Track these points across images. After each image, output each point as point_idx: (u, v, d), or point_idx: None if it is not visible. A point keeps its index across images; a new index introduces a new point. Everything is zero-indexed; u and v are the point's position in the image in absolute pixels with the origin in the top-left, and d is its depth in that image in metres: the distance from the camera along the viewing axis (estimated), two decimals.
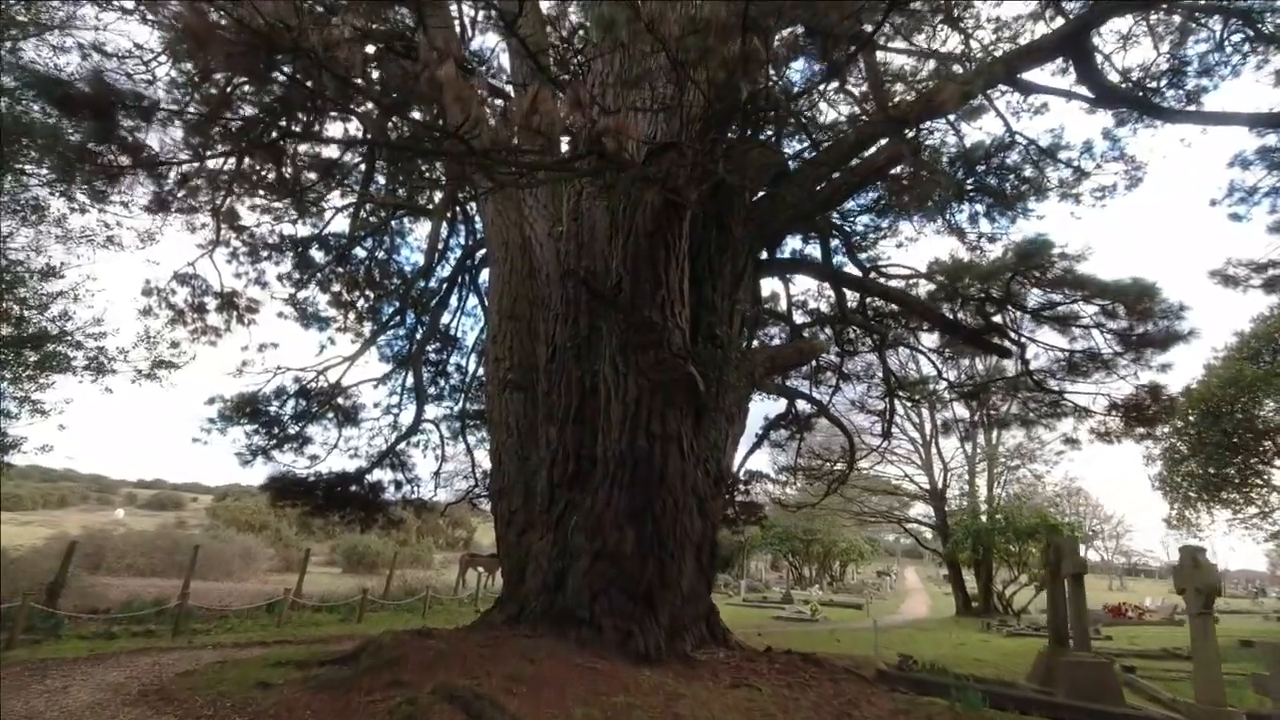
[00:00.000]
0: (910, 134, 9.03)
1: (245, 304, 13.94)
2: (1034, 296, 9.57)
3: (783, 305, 15.99)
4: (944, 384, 16.23)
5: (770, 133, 9.50)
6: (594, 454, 7.08)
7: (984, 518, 22.89)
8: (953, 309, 10.18)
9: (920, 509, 28.33)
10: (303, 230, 14.53)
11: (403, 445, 14.24)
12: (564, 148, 6.01)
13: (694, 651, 6.67)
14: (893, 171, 9.41)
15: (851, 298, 14.18)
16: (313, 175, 14.17)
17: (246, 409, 13.65)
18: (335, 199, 14.22)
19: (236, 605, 13.51)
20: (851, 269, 14.59)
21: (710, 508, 7.24)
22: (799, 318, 16.06)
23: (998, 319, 9.63)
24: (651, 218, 6.92)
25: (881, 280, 13.05)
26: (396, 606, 16.10)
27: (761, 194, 9.42)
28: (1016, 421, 11.45)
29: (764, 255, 10.01)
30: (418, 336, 13.50)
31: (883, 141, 8.89)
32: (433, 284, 13.96)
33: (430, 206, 12.87)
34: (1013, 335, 9.61)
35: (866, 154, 9.29)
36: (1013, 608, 22.28)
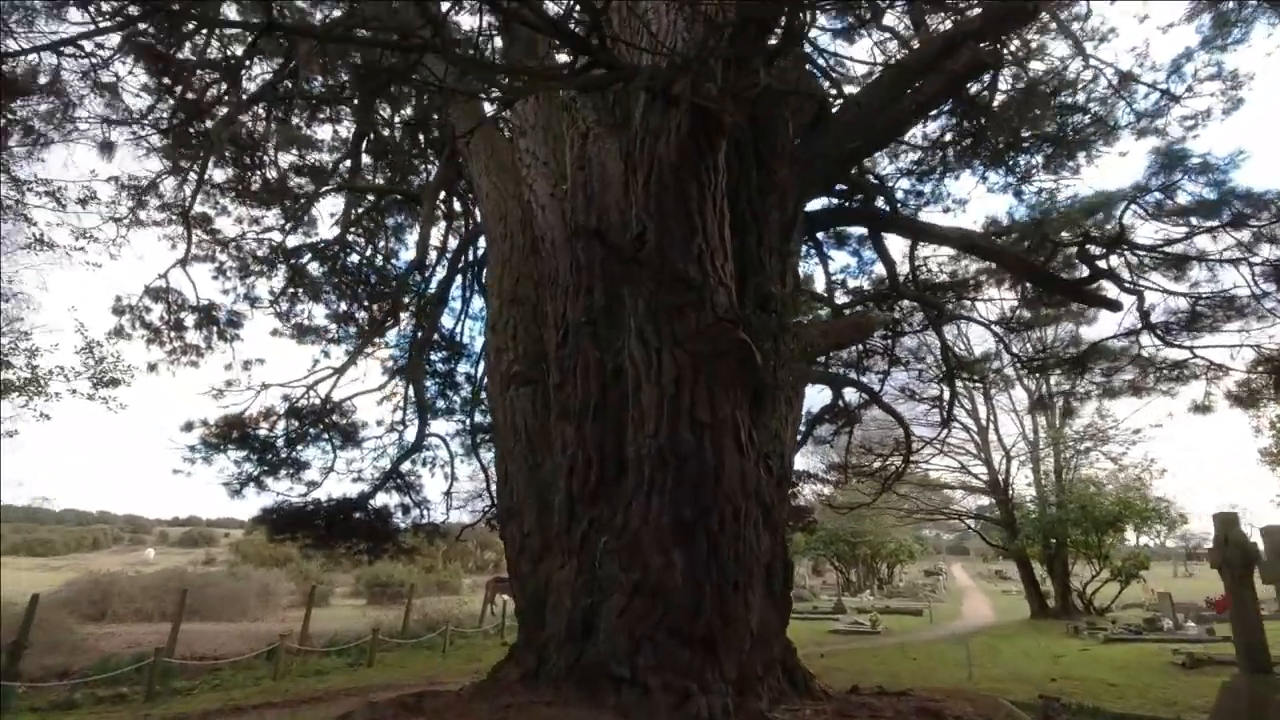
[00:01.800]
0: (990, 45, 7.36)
1: (226, 318, 12.62)
2: (1149, 232, 7.82)
3: (819, 285, 14.37)
4: (1010, 359, 14.40)
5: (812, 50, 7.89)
6: (622, 456, 5.47)
7: (1053, 508, 20.82)
8: (1041, 259, 8.44)
9: (974, 502, 26.31)
10: (291, 240, 13.23)
11: (408, 465, 12.75)
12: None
13: (772, 710, 5.00)
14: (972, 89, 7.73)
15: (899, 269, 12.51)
16: (299, 179, 12.89)
17: (233, 434, 12.26)
18: (322, 207, 12.87)
19: (237, 652, 12.06)
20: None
21: (777, 516, 5.58)
22: (840, 298, 14.43)
23: (1103, 264, 7.86)
24: (677, 147, 5.31)
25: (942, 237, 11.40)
26: (415, 644, 14.56)
27: (807, 132, 7.82)
28: (1127, 389, 9.63)
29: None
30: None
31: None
32: (432, 287, 12.52)
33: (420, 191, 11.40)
34: (1126, 283, 7.84)
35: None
36: (1095, 607, 20.17)
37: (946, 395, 15.34)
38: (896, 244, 15.38)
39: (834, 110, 8.57)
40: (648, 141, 5.46)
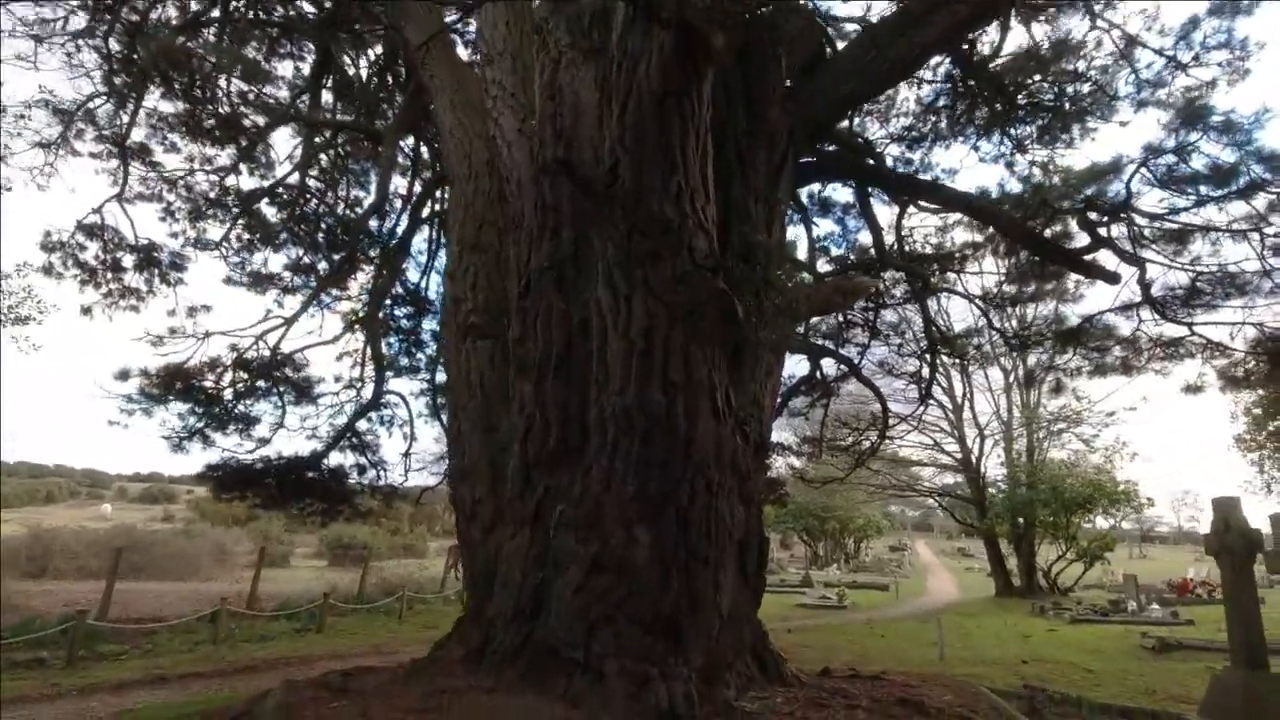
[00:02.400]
0: None
1: (169, 260, 11.72)
2: (1152, 202, 7.35)
3: (802, 253, 13.84)
4: (994, 335, 14.05)
5: None
6: (585, 417, 4.90)
7: (1023, 488, 20.82)
8: (1039, 226, 7.96)
9: (943, 480, 26.35)
10: (245, 182, 12.30)
11: (365, 425, 12.07)
12: None
13: (740, 699, 4.55)
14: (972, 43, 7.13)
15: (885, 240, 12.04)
16: (255, 115, 11.92)
17: (175, 384, 11.46)
18: (280, 149, 11.91)
19: (179, 613, 11.42)
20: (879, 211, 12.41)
21: (753, 488, 5.07)
22: (823, 267, 13.93)
23: (1104, 233, 7.39)
24: (659, 72, 4.65)
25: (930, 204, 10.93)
26: (371, 609, 14.03)
27: (800, 75, 7.19)
28: (1118, 367, 9.26)
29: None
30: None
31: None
32: (396, 234, 11.70)
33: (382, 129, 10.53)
34: (1127, 253, 7.38)
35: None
36: (1058, 587, 20.32)
37: (926, 371, 15.05)
38: (884, 215, 14.84)
39: (830, 55, 7.95)
40: (626, 66, 4.80)
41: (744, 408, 5.17)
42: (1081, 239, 7.83)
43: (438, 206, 11.94)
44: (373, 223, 12.40)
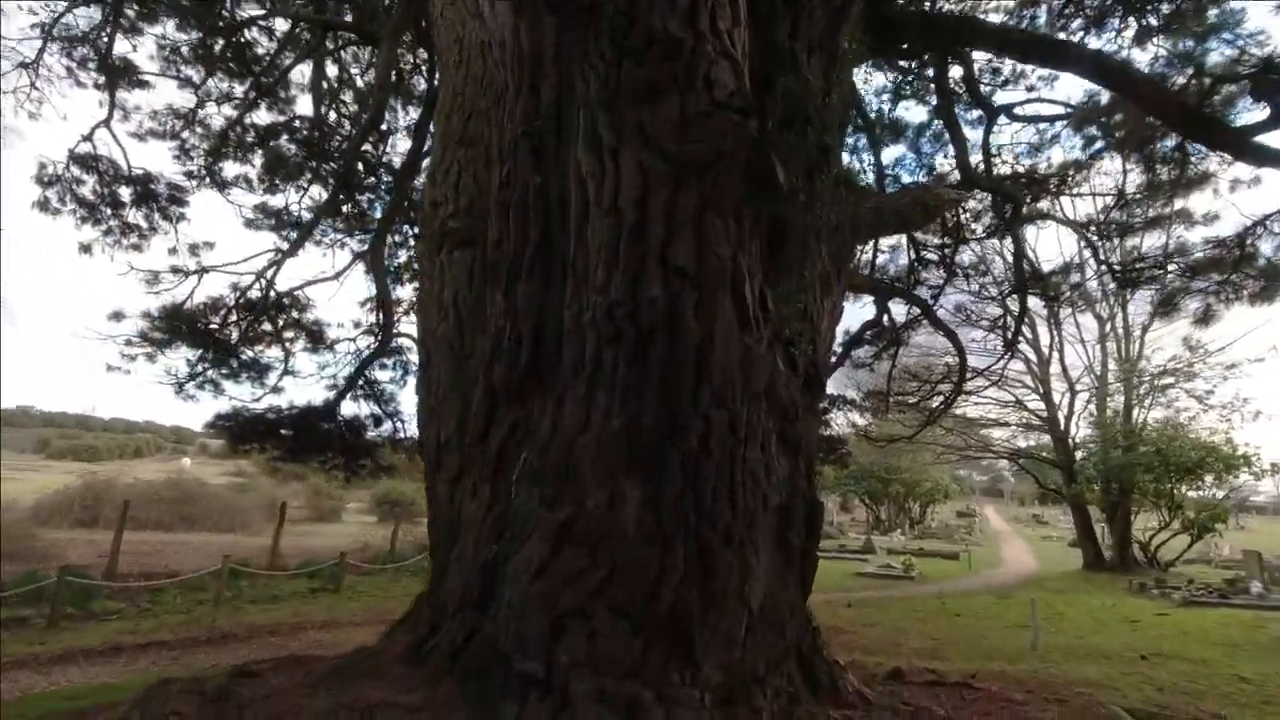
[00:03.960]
0: None
1: (167, 193, 10.84)
2: None
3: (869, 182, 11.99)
4: (1098, 271, 11.93)
5: None
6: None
7: (1119, 450, 18.51)
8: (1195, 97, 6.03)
9: (1022, 442, 24.05)
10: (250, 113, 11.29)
11: (383, 373, 11.13)
12: None
13: None
14: None
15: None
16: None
17: (181, 327, 10.68)
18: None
19: (198, 567, 10.81)
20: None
21: (802, 433, 3.61)
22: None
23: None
24: None
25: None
26: (399, 568, 13.26)
27: None
28: None
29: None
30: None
31: None
32: (399, 156, 10.53)
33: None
34: None
35: None
36: (1158, 561, 18.11)
37: (1014, 312, 13.04)
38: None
39: None
40: None
41: (789, 320, 3.70)
42: (1251, 115, 5.89)
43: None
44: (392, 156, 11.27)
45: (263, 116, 12.54)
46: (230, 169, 11.79)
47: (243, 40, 11.14)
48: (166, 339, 10.53)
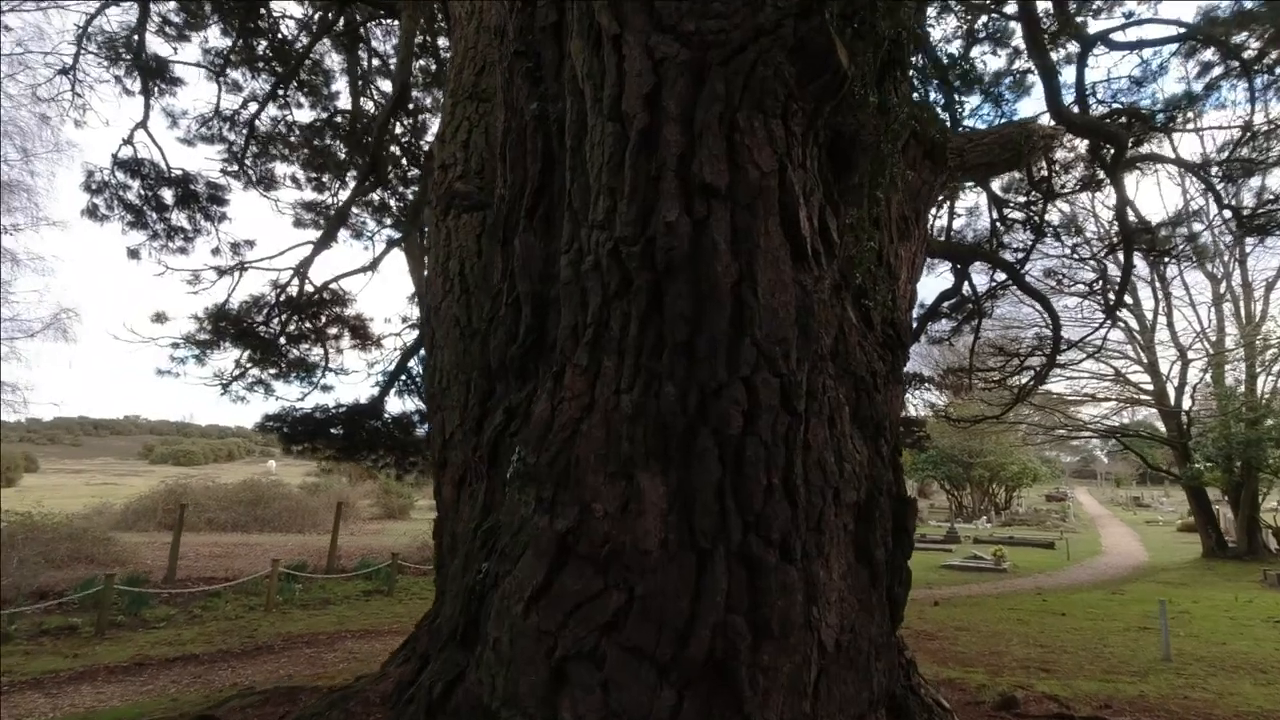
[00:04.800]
0: None
1: (207, 193, 10.69)
2: None
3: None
4: (1221, 217, 10.35)
5: None
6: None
7: (1241, 424, 16.48)
8: None
9: (1121, 419, 21.92)
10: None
11: (420, 365, 10.69)
12: None
13: None
14: None
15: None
16: None
17: (229, 329, 10.54)
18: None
19: (254, 570, 10.69)
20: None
21: (884, 407, 2.75)
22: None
23: None
24: None
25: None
26: None
27: None
28: None
29: None
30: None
31: None
32: (428, 136, 10.04)
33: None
34: None
35: None
36: None
37: (1116, 272, 11.58)
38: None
39: None
40: None
41: (861, 262, 2.84)
42: None
43: None
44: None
45: (304, 114, 12.36)
46: (272, 166, 11.67)
47: (278, 34, 10.90)
48: (213, 340, 10.43)
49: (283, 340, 10.70)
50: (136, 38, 9.69)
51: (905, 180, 3.86)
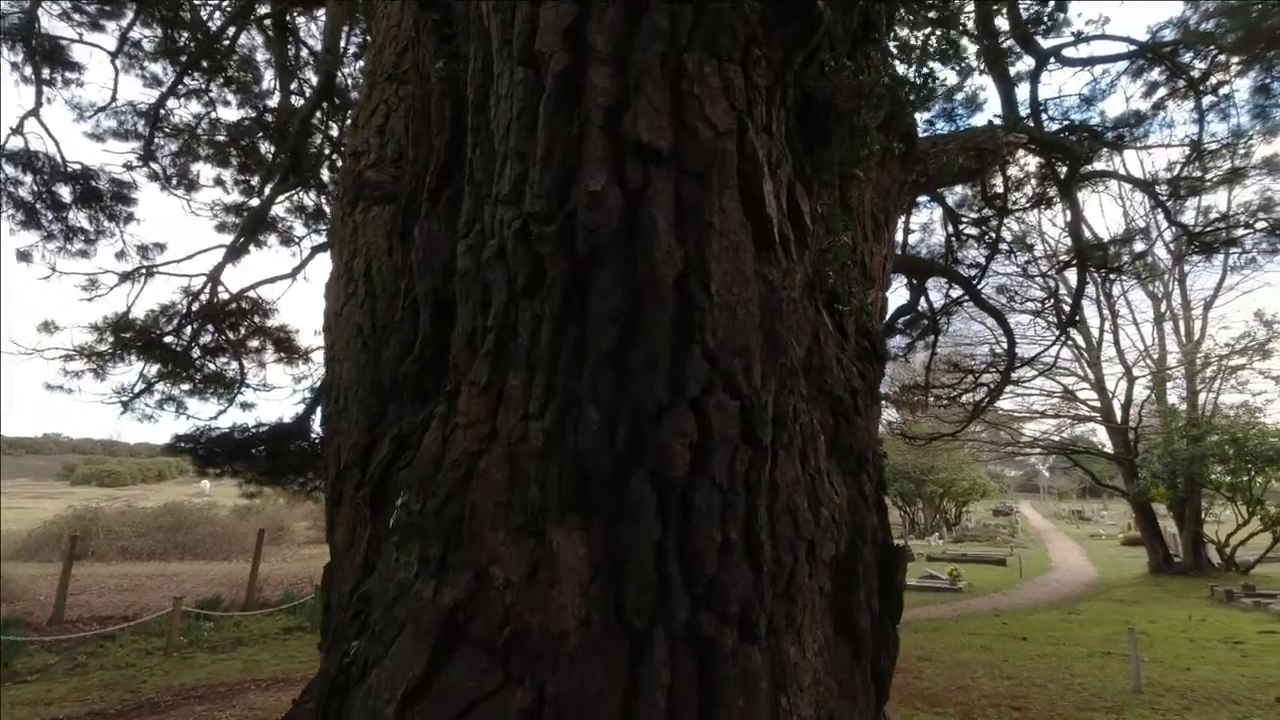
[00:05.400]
0: None
1: (111, 190, 9.75)
2: None
3: None
4: (1175, 234, 10.40)
5: None
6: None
7: (1185, 441, 16.78)
8: None
9: (1060, 435, 22.25)
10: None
11: None
12: None
13: None
14: None
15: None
16: None
17: (135, 340, 9.59)
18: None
19: (157, 606, 9.65)
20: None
21: (864, 433, 2.25)
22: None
23: None
24: None
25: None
26: None
27: None
28: None
29: None
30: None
31: None
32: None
33: None
34: None
35: None
36: (1236, 564, 16.34)
37: (1068, 288, 11.59)
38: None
39: None
40: None
41: (835, 256, 2.35)
42: None
43: None
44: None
45: (231, 112, 11.51)
46: (192, 165, 10.79)
47: (202, 25, 10.07)
48: (114, 352, 9.46)
49: (196, 353, 9.81)
50: (30, 18, 8.77)
51: (874, 177, 3.42)
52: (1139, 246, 11.46)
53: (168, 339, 9.49)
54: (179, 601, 8.46)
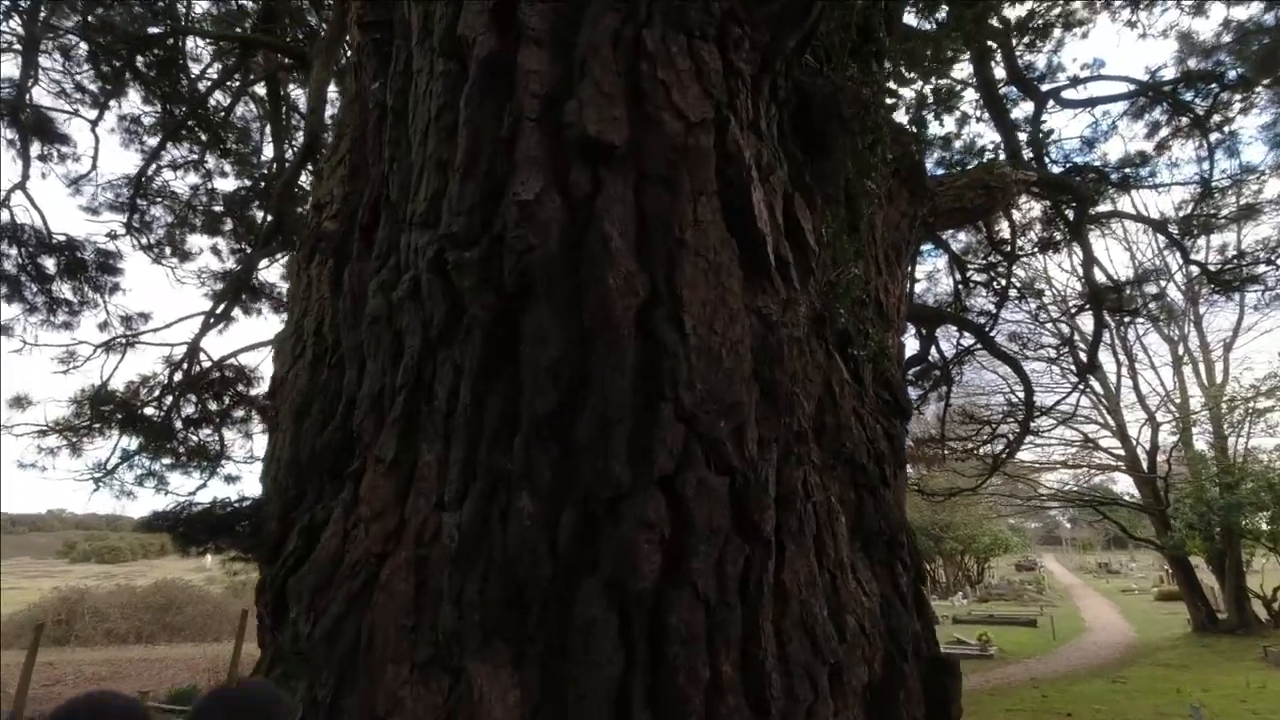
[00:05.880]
0: None
1: (95, 260, 9.54)
2: None
3: None
4: (1190, 274, 10.01)
5: None
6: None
7: (1217, 489, 15.96)
8: None
9: (1077, 484, 21.41)
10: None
11: None
12: None
13: None
14: None
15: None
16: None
17: (115, 413, 9.19)
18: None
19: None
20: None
21: (895, 510, 1.78)
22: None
23: None
24: None
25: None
26: None
27: None
28: None
29: None
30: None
31: None
32: None
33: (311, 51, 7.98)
34: None
35: None
36: None
37: (1084, 333, 11.16)
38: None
39: None
40: None
41: (846, 291, 1.93)
42: None
43: None
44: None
45: (228, 182, 11.45)
46: (186, 235, 10.64)
47: (201, 101, 10.06)
48: (93, 425, 9.07)
49: (178, 424, 9.40)
50: (20, 93, 8.75)
51: (883, 210, 3.05)
52: (1152, 288, 11.02)
53: (148, 410, 9.11)
54: (145, 696, 7.78)
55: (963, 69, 9.47)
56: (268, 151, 10.54)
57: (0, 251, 9.29)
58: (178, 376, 9.10)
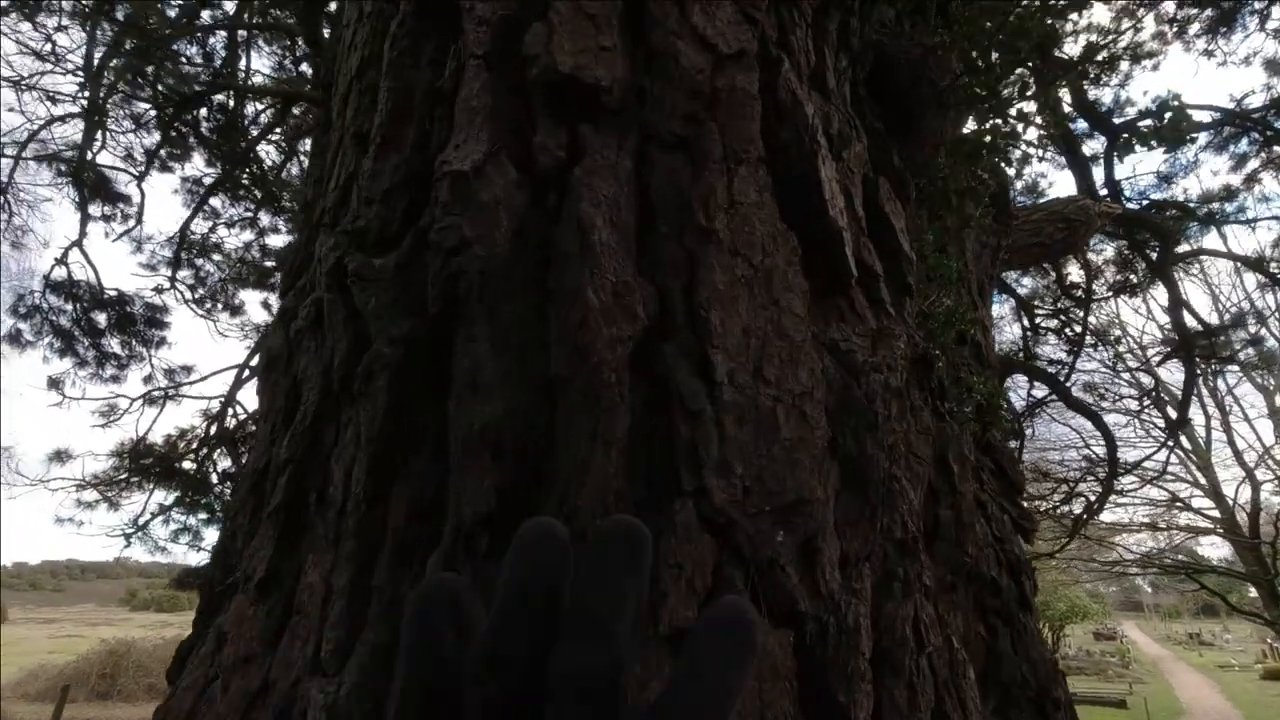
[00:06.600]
0: None
1: (144, 315, 9.63)
2: None
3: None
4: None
5: None
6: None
7: None
8: None
9: (1160, 545, 19.52)
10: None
11: None
12: None
13: None
14: None
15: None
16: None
17: (154, 466, 9.13)
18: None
19: None
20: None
21: (1038, 650, 1.23)
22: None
23: None
24: None
25: None
26: None
27: None
28: None
29: None
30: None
31: None
32: None
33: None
34: None
35: None
36: None
37: (1169, 383, 10.17)
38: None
39: None
40: None
41: (944, 327, 1.41)
42: None
43: None
44: None
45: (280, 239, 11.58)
46: (238, 291, 10.75)
47: (257, 161, 10.25)
48: (132, 480, 8.99)
49: (214, 479, 9.25)
50: (85, 154, 9.03)
51: (970, 238, 2.54)
52: (1244, 333, 10.02)
53: (185, 464, 9.01)
54: None
55: (1028, 105, 8.95)
56: None
57: (58, 307, 9.49)
58: (214, 429, 9.00)
